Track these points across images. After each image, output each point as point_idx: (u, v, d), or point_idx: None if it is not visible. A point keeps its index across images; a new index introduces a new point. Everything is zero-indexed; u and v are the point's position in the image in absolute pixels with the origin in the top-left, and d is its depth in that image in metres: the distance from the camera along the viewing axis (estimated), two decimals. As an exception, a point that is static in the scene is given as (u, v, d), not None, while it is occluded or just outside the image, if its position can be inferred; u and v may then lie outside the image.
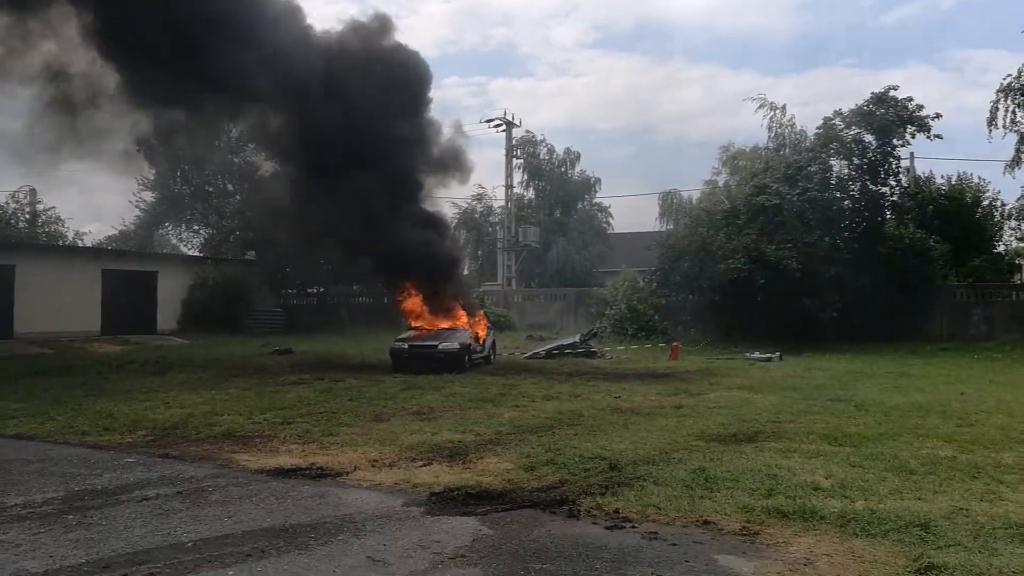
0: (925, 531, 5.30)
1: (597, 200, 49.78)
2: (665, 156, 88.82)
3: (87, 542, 5.33)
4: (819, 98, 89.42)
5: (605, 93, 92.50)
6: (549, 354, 21.59)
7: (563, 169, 48.84)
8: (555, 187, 48.14)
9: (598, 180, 49.31)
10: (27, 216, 39.48)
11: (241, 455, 8.19)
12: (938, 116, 25.71)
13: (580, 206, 48.90)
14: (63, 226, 41.03)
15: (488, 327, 20.82)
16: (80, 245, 39.09)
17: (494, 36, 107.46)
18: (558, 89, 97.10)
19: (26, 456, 8.26)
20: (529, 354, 22.00)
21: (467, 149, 23.34)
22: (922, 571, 4.58)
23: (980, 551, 4.92)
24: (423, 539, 5.34)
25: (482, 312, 22.76)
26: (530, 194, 49.17)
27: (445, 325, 19.05)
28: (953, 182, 31.86)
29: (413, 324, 19.64)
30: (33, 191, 39.63)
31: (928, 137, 25.93)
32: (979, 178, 32.37)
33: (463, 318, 19.67)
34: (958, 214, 29.53)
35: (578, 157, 49.22)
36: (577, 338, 22.81)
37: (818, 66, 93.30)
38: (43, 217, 40.01)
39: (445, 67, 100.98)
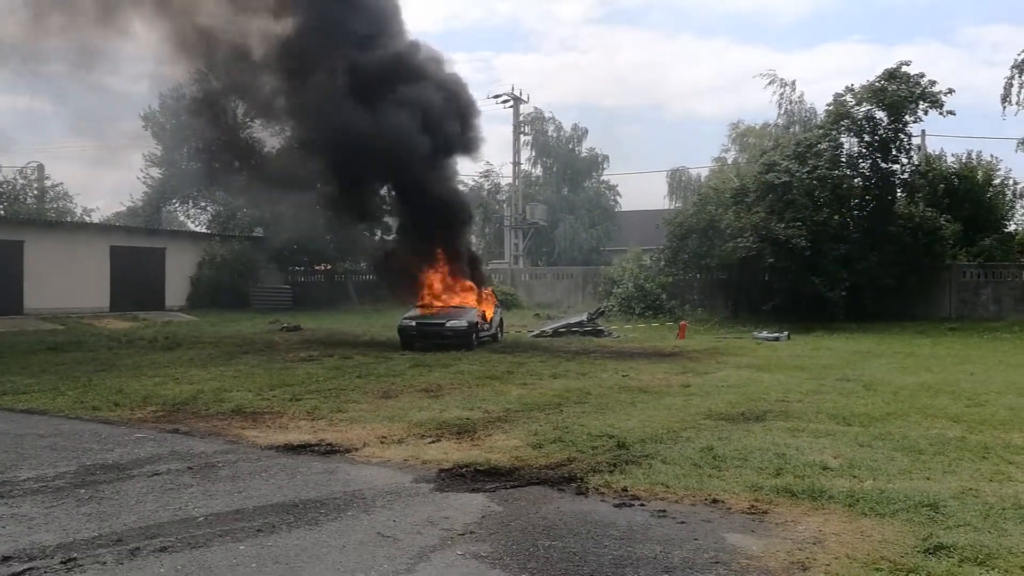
0: (934, 511, 5.29)
1: (605, 178, 49.63)
2: (673, 133, 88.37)
3: (100, 516, 5.38)
4: (828, 75, 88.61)
5: (612, 69, 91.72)
6: (556, 332, 21.61)
7: (571, 146, 48.62)
8: (563, 164, 47.97)
9: (606, 157, 49.13)
10: (35, 192, 39.57)
11: (250, 431, 8.23)
12: (951, 92, 25.32)
13: (588, 184, 48.72)
14: (71, 202, 41.15)
15: (495, 305, 20.82)
16: (88, 221, 39.24)
17: (499, 10, 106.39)
18: (564, 65, 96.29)
19: (38, 431, 8.33)
20: (536, 332, 22.03)
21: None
22: (931, 551, 4.58)
23: (990, 531, 4.91)
24: (432, 515, 5.37)
25: (490, 290, 22.77)
26: (537, 171, 49.02)
27: (454, 302, 19.06)
28: (964, 160, 31.55)
29: (421, 302, 19.64)
30: (41, 167, 39.71)
31: (941, 113, 25.54)
32: (991, 156, 32.02)
33: (471, 292, 19.64)
34: (969, 193, 29.24)
35: (586, 134, 49.04)
36: (584, 317, 22.83)
37: (827, 42, 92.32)
38: (51, 193, 40.10)
39: (450, 42, 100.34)
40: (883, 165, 26.52)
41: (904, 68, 25.66)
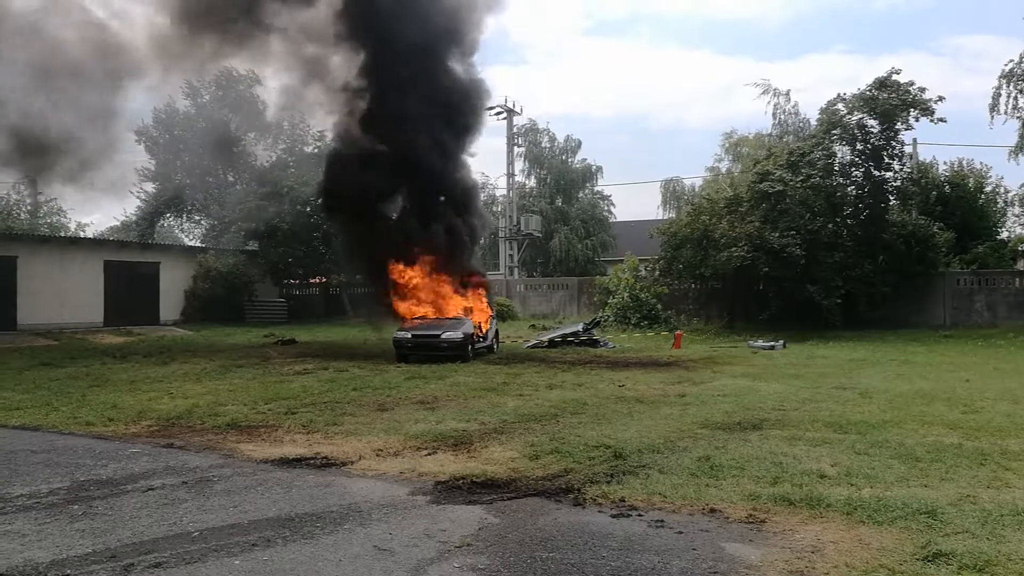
0: (932, 518, 5.29)
1: (599, 188, 49.73)
2: (663, 144, 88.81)
3: (93, 532, 5.33)
4: (813, 85, 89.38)
5: (600, 81, 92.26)
6: (552, 343, 21.58)
7: (564, 157, 48.70)
8: (556, 175, 48.01)
9: (599, 168, 49.22)
10: (28, 208, 39.50)
11: (246, 445, 8.19)
12: (941, 99, 25.43)
13: (582, 195, 48.79)
14: (64, 217, 41.09)
15: (491, 316, 20.81)
16: (82, 236, 39.14)
17: (486, 22, 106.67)
18: (552, 77, 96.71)
19: (31, 447, 8.27)
20: (532, 343, 22.00)
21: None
22: (930, 558, 4.56)
23: (988, 538, 4.91)
24: (429, 528, 5.34)
25: (485, 301, 22.74)
26: (531, 183, 49.06)
27: (449, 315, 19.05)
28: (955, 168, 31.75)
29: (415, 315, 19.61)
30: (34, 182, 39.60)
31: (932, 120, 25.65)
32: (981, 164, 32.29)
33: (457, 302, 19.69)
34: (961, 200, 29.45)
35: (579, 145, 49.13)
36: (580, 327, 22.79)
37: (810, 52, 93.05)
38: (44, 208, 40.02)
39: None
40: (876, 173, 26.65)
41: (895, 76, 25.83)
